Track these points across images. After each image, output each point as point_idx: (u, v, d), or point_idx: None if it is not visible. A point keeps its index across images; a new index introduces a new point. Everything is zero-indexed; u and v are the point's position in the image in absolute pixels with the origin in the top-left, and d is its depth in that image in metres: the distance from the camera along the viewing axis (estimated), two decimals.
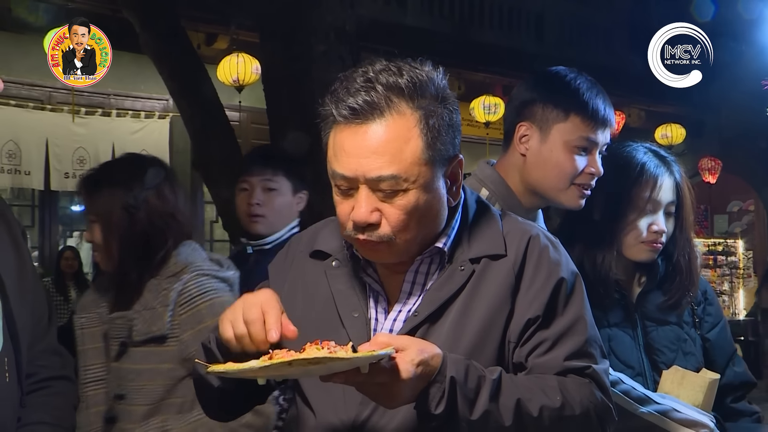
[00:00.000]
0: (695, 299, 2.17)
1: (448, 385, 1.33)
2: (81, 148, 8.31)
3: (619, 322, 2.08)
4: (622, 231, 2.08)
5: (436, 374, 1.33)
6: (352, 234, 1.46)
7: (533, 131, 2.03)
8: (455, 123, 1.49)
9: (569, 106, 2.00)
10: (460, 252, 1.52)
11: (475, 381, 1.36)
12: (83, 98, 8.25)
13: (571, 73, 2.05)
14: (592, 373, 1.48)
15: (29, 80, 7.87)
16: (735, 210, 13.74)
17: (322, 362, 1.23)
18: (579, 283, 1.56)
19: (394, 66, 1.45)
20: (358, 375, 1.28)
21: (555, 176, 2.02)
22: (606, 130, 2.04)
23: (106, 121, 8.49)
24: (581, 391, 1.45)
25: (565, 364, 1.47)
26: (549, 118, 2.01)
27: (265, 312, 1.37)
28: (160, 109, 8.77)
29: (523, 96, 2.07)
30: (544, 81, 2.07)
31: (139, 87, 8.52)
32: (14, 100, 7.95)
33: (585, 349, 1.49)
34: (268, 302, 1.39)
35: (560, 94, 2.01)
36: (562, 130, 2.01)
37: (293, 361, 1.23)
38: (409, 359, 1.31)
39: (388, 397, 1.33)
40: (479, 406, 1.35)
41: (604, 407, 1.48)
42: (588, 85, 2.03)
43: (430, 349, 1.35)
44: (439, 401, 1.33)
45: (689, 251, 2.14)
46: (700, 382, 1.98)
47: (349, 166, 1.42)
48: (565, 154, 2.01)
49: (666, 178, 2.09)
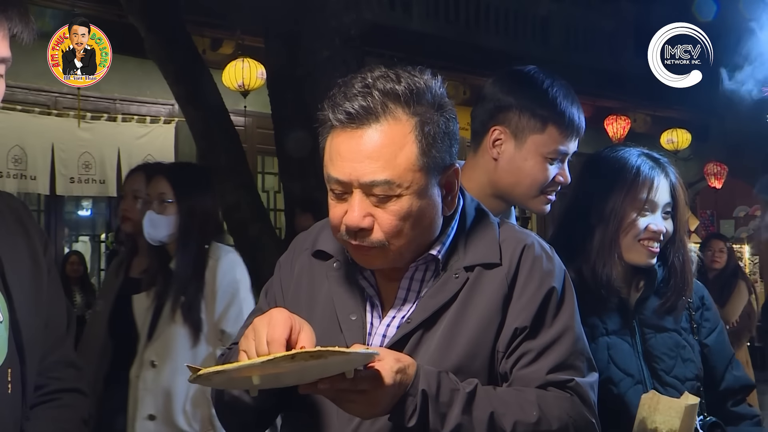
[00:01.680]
0: (693, 305, 2.16)
1: (420, 399, 1.34)
2: (86, 153, 8.32)
3: (617, 330, 2.07)
4: (621, 234, 2.07)
5: (410, 387, 1.34)
6: (345, 238, 1.46)
7: (507, 137, 2.00)
8: (451, 131, 1.48)
9: (547, 118, 1.98)
10: (455, 260, 1.52)
11: (448, 395, 1.36)
12: (89, 103, 8.26)
13: (547, 78, 2.02)
14: (574, 387, 1.47)
15: (35, 85, 7.88)
16: (741, 215, 13.68)
17: (323, 356, 1.22)
18: (570, 295, 1.55)
19: (392, 73, 1.46)
20: (343, 381, 1.28)
21: (527, 185, 2.01)
22: (577, 139, 2.04)
23: (112, 126, 8.50)
24: (561, 406, 1.43)
25: (548, 377, 1.46)
26: (525, 128, 1.99)
27: (269, 342, 1.32)
28: (166, 114, 8.79)
29: (497, 98, 2.03)
30: (520, 86, 2.03)
31: (144, 92, 8.53)
32: (20, 105, 7.96)
33: (570, 362, 1.48)
34: (274, 329, 1.33)
35: (538, 104, 1.98)
36: (538, 142, 1.99)
37: (296, 354, 1.22)
38: (388, 366, 1.31)
39: (367, 405, 1.32)
40: (451, 419, 1.35)
41: (586, 422, 1.46)
42: (564, 93, 2.00)
43: (405, 359, 1.36)
44: (411, 414, 1.34)
45: (683, 253, 2.13)
46: (676, 407, 1.93)
47: (344, 170, 1.42)
48: (539, 164, 1.99)
49: (662, 180, 2.08)
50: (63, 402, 1.64)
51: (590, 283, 2.04)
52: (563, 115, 1.98)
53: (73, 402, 1.66)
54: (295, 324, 1.35)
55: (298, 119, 4.66)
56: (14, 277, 1.53)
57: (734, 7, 3.71)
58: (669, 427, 1.92)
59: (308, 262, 1.62)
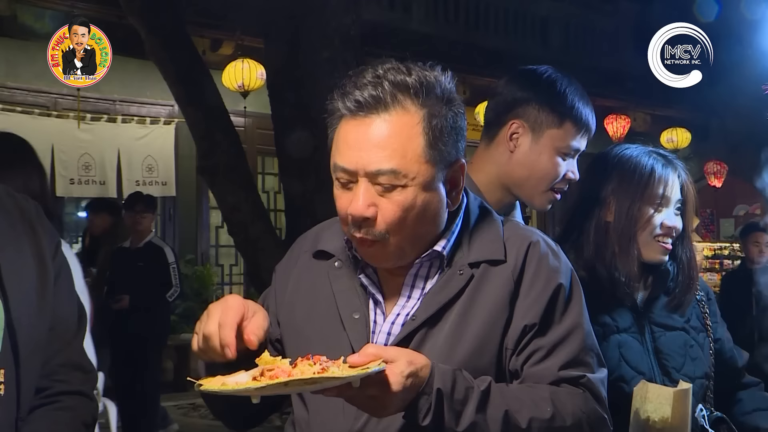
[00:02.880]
0: (703, 301, 2.18)
1: (434, 398, 1.33)
2: (86, 154, 8.33)
3: (628, 328, 2.09)
4: (636, 231, 2.09)
5: (424, 386, 1.34)
6: (351, 230, 1.46)
7: (525, 131, 2.05)
8: (459, 126, 1.49)
9: (564, 114, 2.04)
10: (459, 256, 1.52)
11: (463, 392, 1.36)
12: (89, 104, 8.27)
13: (564, 78, 2.09)
14: (586, 383, 1.47)
15: (35, 87, 7.90)
16: (741, 214, 13.68)
17: (318, 382, 1.24)
18: (578, 291, 1.55)
19: (403, 66, 1.47)
20: (349, 389, 1.28)
21: (538, 178, 2.06)
22: (587, 138, 2.10)
23: (112, 127, 8.52)
24: (574, 402, 1.44)
25: (560, 373, 1.46)
26: (543, 122, 2.04)
27: (220, 325, 1.36)
28: (166, 115, 8.80)
29: (516, 93, 2.08)
30: (539, 82, 2.09)
31: (144, 93, 8.54)
32: (20, 107, 7.97)
33: (580, 358, 1.49)
34: (226, 313, 1.37)
35: (557, 101, 2.04)
36: (554, 136, 2.04)
37: (289, 382, 1.24)
38: (398, 371, 1.31)
39: (379, 408, 1.33)
40: (465, 417, 1.35)
41: (598, 417, 1.47)
42: (580, 93, 2.08)
43: (419, 360, 1.35)
44: (426, 413, 1.33)
45: (689, 249, 2.17)
46: (665, 394, 1.92)
47: (350, 159, 1.43)
48: (553, 159, 2.05)
49: (674, 177, 2.11)
50: (63, 405, 1.63)
51: (604, 282, 2.06)
52: (579, 112, 2.05)
53: (74, 405, 1.65)
54: (248, 310, 1.39)
55: (298, 120, 4.66)
56: (13, 278, 1.52)
57: (734, 7, 3.71)
58: (661, 415, 1.92)
59: (308, 263, 1.62)
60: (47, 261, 1.60)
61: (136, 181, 8.61)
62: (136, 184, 8.49)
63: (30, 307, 1.54)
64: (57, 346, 1.63)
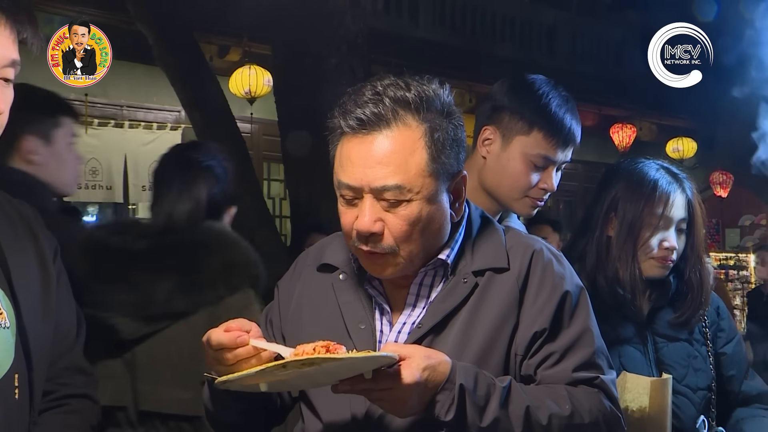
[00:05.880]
0: (708, 316, 2.17)
1: (457, 393, 1.35)
2: (93, 159, 8.34)
3: (630, 338, 2.09)
4: (636, 249, 2.08)
5: (446, 381, 1.35)
6: (356, 245, 1.47)
7: (497, 137, 2.08)
8: (460, 139, 1.51)
9: (534, 121, 2.04)
10: (463, 265, 1.53)
11: (485, 389, 1.38)
12: (96, 110, 8.29)
13: (546, 86, 2.07)
14: (600, 383, 1.50)
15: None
16: (747, 224, 13.65)
17: (315, 363, 1.24)
18: (584, 296, 1.57)
19: (402, 81, 1.48)
20: (362, 381, 1.30)
21: (509, 185, 2.07)
22: (568, 149, 2.08)
23: (119, 133, 8.53)
24: (590, 401, 1.47)
25: (574, 375, 1.49)
26: (513, 128, 2.06)
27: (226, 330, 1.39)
28: (173, 121, 8.81)
29: (494, 99, 2.11)
30: (516, 89, 2.10)
31: (151, 98, 8.56)
32: None
33: (593, 361, 1.51)
34: (227, 324, 1.41)
35: (527, 107, 2.04)
36: (523, 143, 2.05)
37: (287, 363, 1.25)
38: (414, 365, 1.33)
39: (396, 404, 1.34)
40: (489, 413, 1.37)
41: (614, 416, 1.50)
42: (559, 102, 2.05)
43: (436, 356, 1.37)
44: (448, 408, 1.35)
45: (700, 268, 2.14)
46: (642, 384, 1.95)
47: (355, 176, 1.44)
48: (521, 167, 2.06)
49: (678, 195, 2.09)
50: (71, 407, 1.65)
51: (605, 295, 2.06)
52: (551, 122, 2.03)
53: (81, 407, 1.67)
54: (244, 326, 1.41)
55: (304, 126, 4.67)
56: (22, 284, 1.53)
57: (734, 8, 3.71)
58: (639, 405, 1.94)
59: (312, 276, 1.63)
60: (49, 266, 1.62)
61: (142, 186, 8.62)
62: (143, 189, 8.50)
63: (37, 311, 1.55)
64: (60, 350, 1.64)
